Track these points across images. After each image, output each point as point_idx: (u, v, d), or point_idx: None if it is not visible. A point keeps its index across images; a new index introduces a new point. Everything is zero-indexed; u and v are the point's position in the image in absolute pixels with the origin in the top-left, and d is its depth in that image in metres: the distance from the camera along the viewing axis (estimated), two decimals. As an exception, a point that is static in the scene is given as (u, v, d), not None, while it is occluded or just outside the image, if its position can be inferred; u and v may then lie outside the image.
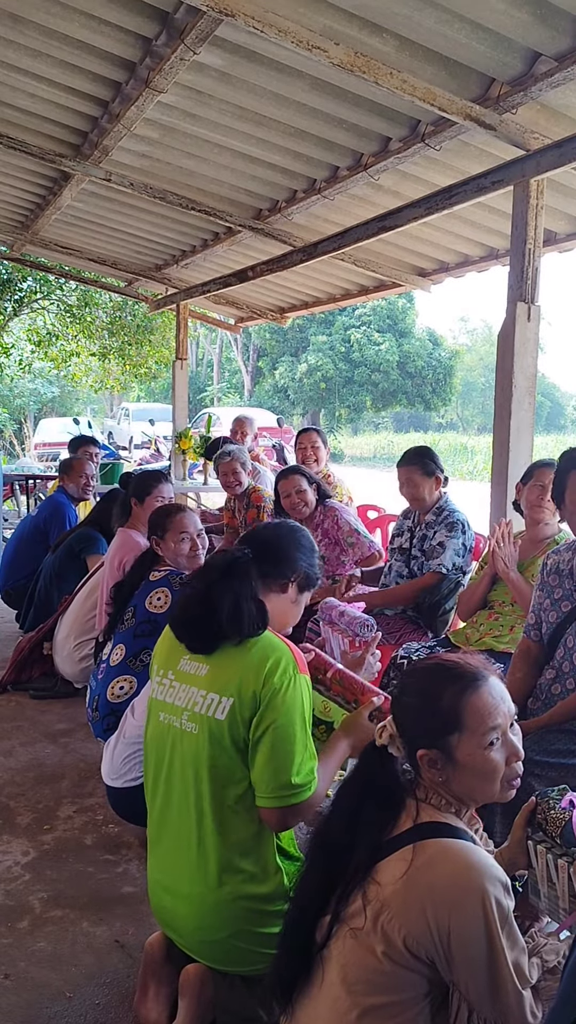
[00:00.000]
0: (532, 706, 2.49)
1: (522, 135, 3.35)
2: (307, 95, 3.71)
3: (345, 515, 3.96)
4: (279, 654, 1.76)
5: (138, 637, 2.88)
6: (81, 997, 2.00)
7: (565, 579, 2.48)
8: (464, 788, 1.41)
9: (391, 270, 5.96)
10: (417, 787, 1.43)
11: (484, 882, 1.26)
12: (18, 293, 12.71)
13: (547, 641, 2.50)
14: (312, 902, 1.41)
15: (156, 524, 3.10)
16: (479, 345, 44.80)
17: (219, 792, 1.72)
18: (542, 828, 1.58)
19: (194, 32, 3.22)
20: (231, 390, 33.49)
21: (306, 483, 3.94)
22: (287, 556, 1.96)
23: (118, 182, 5.10)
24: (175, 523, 3.07)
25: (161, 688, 1.87)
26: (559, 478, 2.41)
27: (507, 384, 3.50)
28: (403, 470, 3.60)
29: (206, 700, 1.76)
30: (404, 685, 1.51)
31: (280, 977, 1.42)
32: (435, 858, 1.30)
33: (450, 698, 1.40)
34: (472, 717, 1.38)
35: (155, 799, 1.87)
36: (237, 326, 9.21)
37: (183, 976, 1.77)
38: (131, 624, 2.92)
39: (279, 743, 1.70)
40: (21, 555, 5.22)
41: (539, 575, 2.60)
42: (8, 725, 3.77)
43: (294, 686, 1.73)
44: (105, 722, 2.83)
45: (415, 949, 1.27)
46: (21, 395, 27.21)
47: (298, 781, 1.70)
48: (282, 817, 1.72)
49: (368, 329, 27.38)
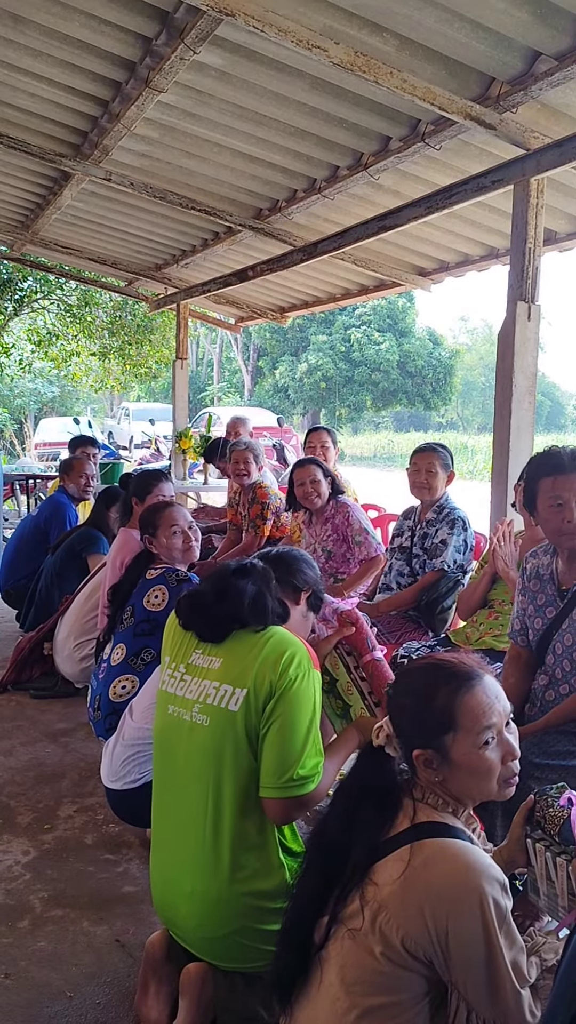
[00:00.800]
0: (529, 712, 2.47)
1: (522, 134, 3.35)
2: (307, 95, 3.71)
3: (356, 513, 3.98)
4: (295, 648, 1.78)
5: (138, 636, 2.88)
6: (82, 996, 2.00)
7: (547, 584, 2.42)
8: (460, 787, 1.41)
9: (391, 269, 5.96)
10: (414, 787, 1.43)
11: (482, 882, 1.25)
12: (18, 293, 12.72)
13: (536, 648, 2.44)
14: (310, 902, 1.41)
15: (146, 522, 3.09)
16: (479, 344, 44.82)
17: (234, 785, 1.73)
18: (540, 826, 1.58)
19: (194, 32, 3.22)
20: (231, 390, 33.48)
21: (322, 475, 3.97)
22: (299, 569, 2.09)
23: (118, 182, 5.10)
24: (164, 518, 3.05)
25: (172, 681, 1.88)
26: (529, 485, 2.34)
27: (507, 383, 3.50)
28: (424, 456, 3.60)
29: (219, 692, 1.77)
30: (399, 685, 1.52)
31: (279, 978, 1.42)
32: (433, 858, 1.29)
33: (444, 698, 1.40)
34: (466, 716, 1.38)
35: (160, 794, 1.87)
36: (237, 326, 9.21)
37: (184, 975, 1.77)
38: (130, 623, 2.91)
39: (287, 735, 1.71)
40: (21, 555, 5.21)
41: (520, 579, 2.54)
42: (8, 725, 3.77)
43: (307, 680, 1.76)
44: (107, 721, 2.83)
45: (413, 949, 1.27)
46: (21, 395, 27.20)
47: (303, 773, 1.71)
48: (285, 809, 1.73)
49: (368, 328, 27.38)
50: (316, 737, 1.77)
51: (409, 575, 3.63)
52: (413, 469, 3.63)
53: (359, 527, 3.91)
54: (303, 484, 3.95)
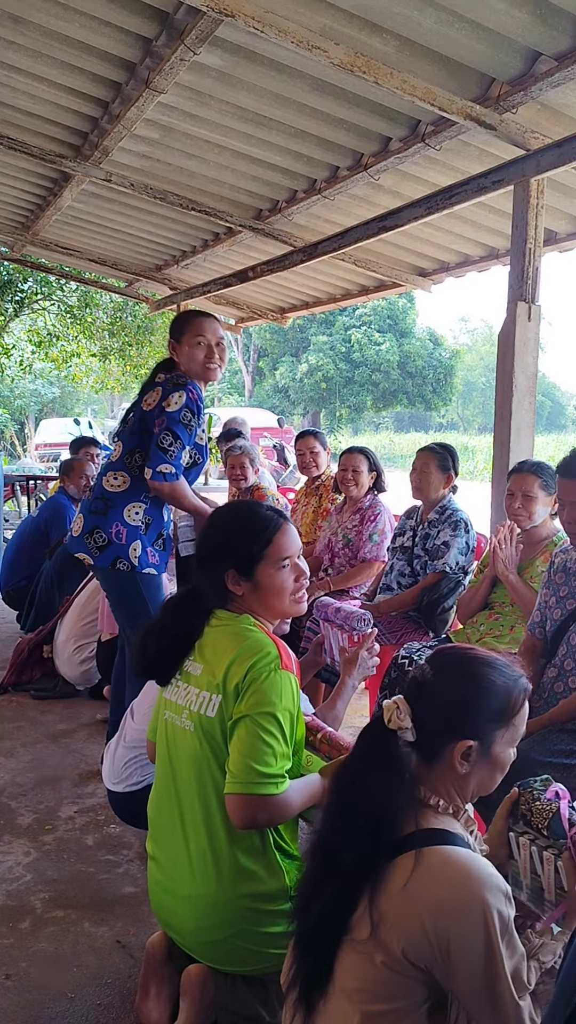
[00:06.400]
0: (535, 704, 2.49)
1: (522, 135, 3.35)
2: (307, 95, 3.71)
3: (387, 515, 4.02)
4: (265, 650, 1.75)
5: (132, 435, 2.88)
6: (82, 997, 2.00)
7: (572, 577, 2.50)
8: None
9: (391, 270, 5.96)
10: (418, 785, 1.40)
11: (484, 892, 1.24)
12: (19, 294, 12.72)
13: (550, 639, 2.52)
14: (315, 910, 1.37)
15: (174, 327, 2.97)
16: (479, 345, 44.84)
17: (220, 790, 1.71)
18: (525, 819, 1.55)
19: (194, 32, 3.22)
20: (232, 390, 33.49)
21: (366, 466, 4.04)
22: (226, 544, 1.88)
23: (118, 183, 5.10)
24: (192, 326, 2.91)
25: (170, 686, 1.88)
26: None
27: (507, 384, 3.50)
28: (421, 455, 3.64)
29: (199, 698, 1.77)
30: (446, 668, 1.45)
31: (295, 986, 1.38)
32: (435, 867, 1.27)
33: (504, 689, 1.42)
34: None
35: (157, 797, 1.87)
36: (238, 326, 9.20)
37: (184, 976, 1.77)
38: (132, 424, 2.92)
39: (252, 729, 1.67)
40: (22, 556, 5.21)
41: (547, 573, 2.63)
42: (9, 726, 3.77)
43: (272, 678, 1.71)
44: (94, 505, 2.86)
45: (414, 958, 1.26)
46: (22, 396, 27.21)
47: (265, 771, 1.65)
48: (246, 807, 1.65)
49: (369, 329, 27.38)
50: (286, 745, 1.71)
51: (410, 575, 3.64)
52: (411, 469, 3.67)
53: (381, 528, 3.95)
54: (346, 470, 4.05)
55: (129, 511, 2.85)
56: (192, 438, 2.83)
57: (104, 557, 2.83)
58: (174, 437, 2.77)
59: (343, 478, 4.06)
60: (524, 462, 3.04)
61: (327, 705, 2.20)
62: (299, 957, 1.38)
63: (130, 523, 2.84)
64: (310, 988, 1.35)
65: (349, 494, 4.09)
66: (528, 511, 2.93)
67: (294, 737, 1.76)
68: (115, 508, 2.85)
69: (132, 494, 2.86)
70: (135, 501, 2.86)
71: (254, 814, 1.66)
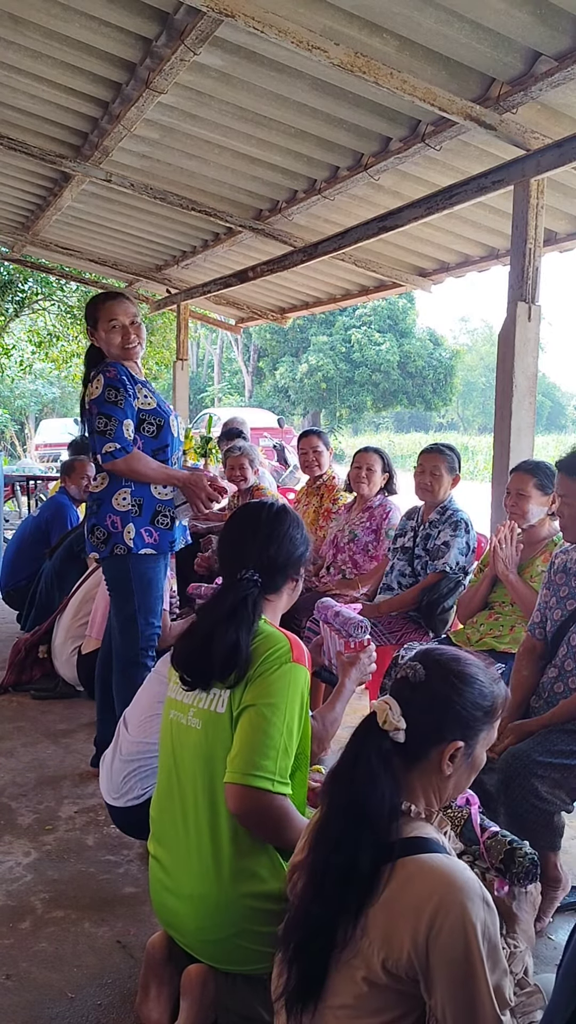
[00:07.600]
0: (534, 704, 2.50)
1: (522, 135, 3.35)
2: (307, 95, 3.71)
3: (398, 514, 4.03)
4: (278, 645, 1.75)
5: (90, 436, 2.93)
6: (83, 998, 2.00)
7: (572, 577, 2.50)
8: (457, 785, 1.40)
9: (391, 270, 5.96)
10: (398, 792, 1.35)
11: (464, 900, 1.21)
12: (19, 294, 12.74)
13: (550, 639, 2.52)
14: (303, 922, 1.35)
15: (88, 314, 2.97)
16: (480, 345, 44.85)
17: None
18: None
19: (194, 33, 3.22)
20: (232, 390, 33.48)
21: (380, 467, 4.06)
22: (289, 557, 1.90)
23: (118, 183, 5.11)
24: (103, 311, 2.90)
25: (176, 686, 1.87)
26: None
27: (508, 384, 3.51)
28: (429, 457, 3.56)
29: (208, 695, 1.77)
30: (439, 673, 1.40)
31: (281, 1000, 1.36)
32: (413, 876, 1.25)
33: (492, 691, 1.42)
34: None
35: (159, 798, 1.87)
36: (238, 326, 9.21)
37: (185, 976, 1.77)
38: (86, 426, 2.96)
39: (257, 722, 1.66)
40: (22, 556, 5.22)
41: (547, 573, 2.63)
42: (9, 726, 3.77)
43: (282, 671, 1.71)
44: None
45: (394, 970, 1.23)
46: (22, 396, 27.23)
47: (268, 765, 1.64)
48: (244, 799, 1.63)
49: (369, 329, 27.38)
50: (291, 738, 1.70)
51: (411, 575, 3.63)
52: (419, 470, 3.61)
53: (395, 524, 3.97)
54: (360, 468, 4.06)
55: (117, 499, 2.91)
56: (127, 410, 2.85)
57: (106, 549, 2.91)
58: (106, 418, 2.82)
59: (356, 475, 4.07)
60: (524, 462, 3.06)
61: (326, 707, 2.20)
62: (286, 971, 1.36)
63: (120, 510, 2.90)
64: (297, 1005, 1.32)
65: (361, 492, 4.09)
66: (521, 509, 2.93)
67: (300, 732, 1.75)
68: (104, 503, 2.92)
69: (113, 485, 2.92)
70: (119, 489, 2.91)
71: (250, 808, 1.65)
